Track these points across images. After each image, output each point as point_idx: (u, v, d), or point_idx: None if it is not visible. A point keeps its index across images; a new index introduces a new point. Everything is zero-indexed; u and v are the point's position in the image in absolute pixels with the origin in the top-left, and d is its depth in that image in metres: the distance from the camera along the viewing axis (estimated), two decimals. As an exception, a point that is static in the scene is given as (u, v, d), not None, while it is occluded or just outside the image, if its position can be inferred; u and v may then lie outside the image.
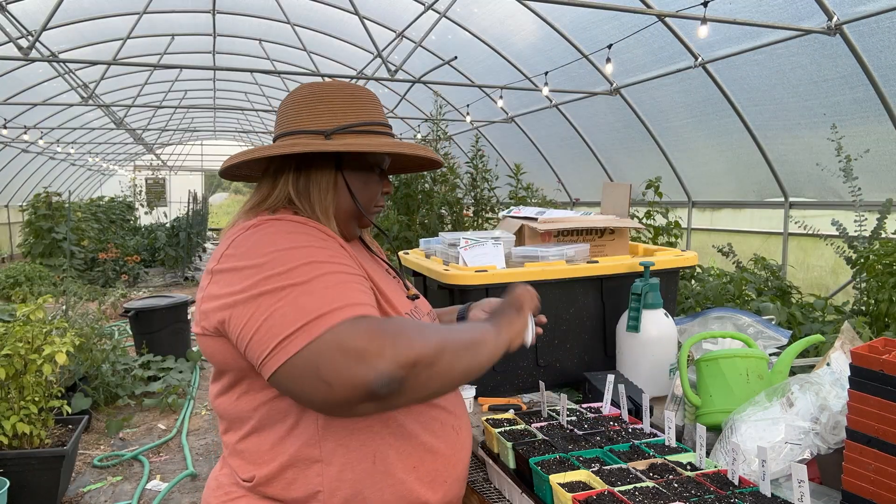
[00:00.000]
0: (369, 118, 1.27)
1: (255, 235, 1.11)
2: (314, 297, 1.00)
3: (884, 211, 4.14)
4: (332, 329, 0.96)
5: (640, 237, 5.39)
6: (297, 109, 1.27)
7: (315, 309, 0.98)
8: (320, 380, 0.94)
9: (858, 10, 4.80)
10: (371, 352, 0.94)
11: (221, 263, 1.10)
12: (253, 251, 1.07)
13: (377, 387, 0.94)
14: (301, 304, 0.99)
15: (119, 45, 7.43)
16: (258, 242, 1.09)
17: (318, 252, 1.07)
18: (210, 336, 1.12)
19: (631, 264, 2.04)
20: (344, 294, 1.02)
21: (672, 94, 7.03)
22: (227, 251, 1.11)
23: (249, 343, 1.02)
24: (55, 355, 3.52)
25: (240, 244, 1.10)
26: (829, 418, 1.32)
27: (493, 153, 11.35)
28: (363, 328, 0.97)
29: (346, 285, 1.04)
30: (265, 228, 1.12)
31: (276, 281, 1.01)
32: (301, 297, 0.99)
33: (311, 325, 0.97)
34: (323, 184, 1.23)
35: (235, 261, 1.08)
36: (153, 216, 20.29)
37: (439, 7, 6.68)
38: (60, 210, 12.60)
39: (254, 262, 1.05)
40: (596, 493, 1.19)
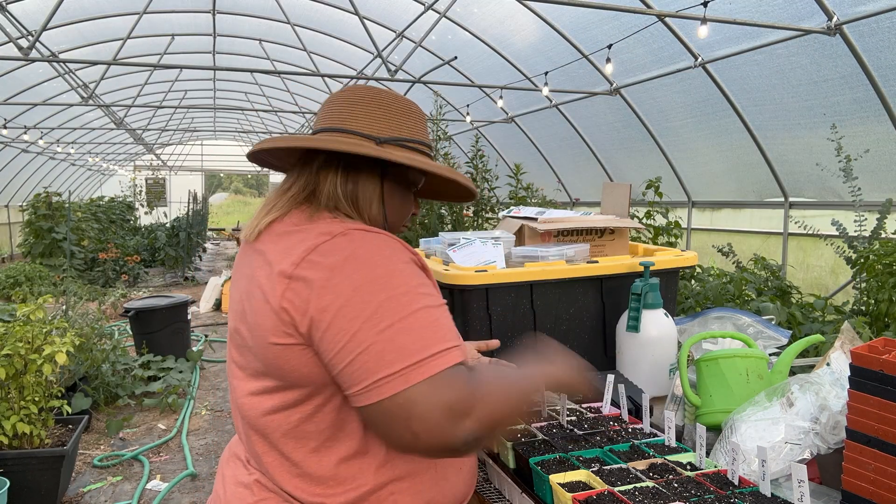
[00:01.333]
0: (420, 137, 1.24)
1: (345, 247, 1.04)
2: (413, 336, 0.97)
3: (884, 211, 4.14)
4: (429, 380, 0.95)
5: (640, 237, 5.39)
6: (350, 108, 1.21)
7: (414, 352, 0.96)
8: (408, 430, 0.95)
9: (858, 10, 4.80)
10: (462, 411, 0.95)
11: (304, 269, 1.03)
12: (349, 267, 1.01)
13: (460, 446, 0.96)
14: (400, 343, 0.96)
15: (119, 45, 7.43)
16: (353, 258, 1.03)
17: (411, 278, 1.04)
18: (290, 346, 1.04)
19: (631, 264, 2.04)
20: (439, 334, 1.00)
21: (672, 94, 7.03)
22: (310, 256, 1.04)
23: (341, 371, 1.00)
24: (55, 355, 3.52)
25: (327, 253, 1.03)
26: (828, 418, 1.32)
27: (493, 153, 11.36)
28: (458, 384, 0.96)
29: (440, 322, 1.02)
30: (357, 242, 1.05)
31: (375, 310, 0.98)
32: (400, 335, 0.97)
33: (409, 371, 0.95)
34: (368, 191, 1.19)
35: (325, 273, 1.01)
36: (153, 216, 20.30)
37: (439, 7, 6.68)
38: (60, 210, 12.60)
39: (350, 279, 1.00)
40: (596, 493, 1.20)
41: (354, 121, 1.19)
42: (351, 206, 1.17)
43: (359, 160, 1.18)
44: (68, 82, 10.41)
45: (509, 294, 1.92)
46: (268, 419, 1.10)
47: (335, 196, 1.17)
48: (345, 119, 1.20)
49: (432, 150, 1.29)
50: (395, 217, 1.24)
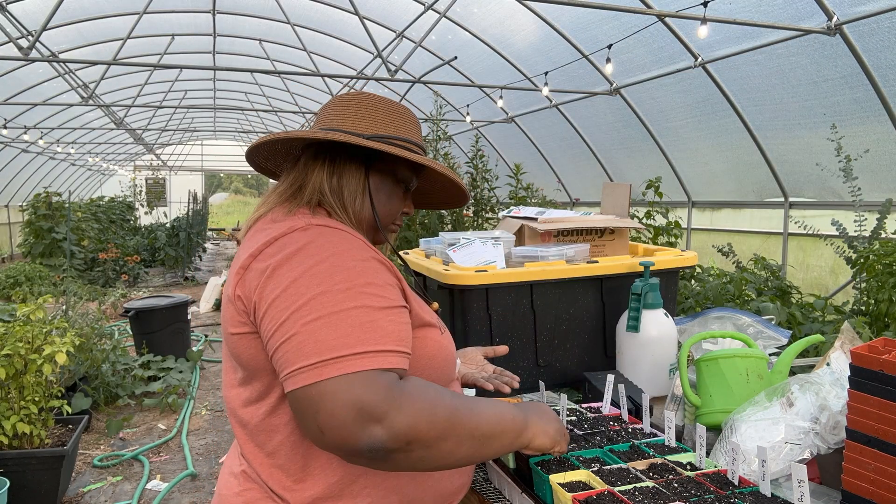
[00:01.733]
0: (407, 136, 1.26)
1: (300, 240, 1.06)
2: (337, 332, 0.96)
3: (884, 211, 4.14)
4: (344, 377, 0.93)
5: (640, 237, 5.40)
6: (340, 110, 1.26)
7: (334, 348, 0.95)
8: (315, 423, 0.93)
9: (858, 10, 4.81)
10: (372, 416, 0.92)
11: (259, 261, 1.06)
12: (295, 259, 1.03)
13: (364, 450, 0.92)
14: (322, 337, 0.96)
15: (119, 45, 7.43)
16: (302, 251, 1.04)
17: (358, 276, 1.02)
18: (244, 335, 1.08)
19: (631, 264, 2.04)
20: (369, 336, 0.97)
21: (672, 94, 7.03)
22: (268, 249, 1.07)
23: (271, 358, 1.01)
24: (55, 355, 3.52)
25: (283, 245, 1.06)
26: (828, 418, 1.32)
27: (493, 153, 11.36)
28: (375, 387, 0.93)
29: (375, 324, 0.99)
30: (311, 236, 1.07)
31: (306, 302, 0.98)
32: (323, 329, 0.96)
33: (325, 364, 0.94)
34: (353, 184, 1.21)
35: (274, 263, 1.04)
36: (153, 216, 20.31)
37: (439, 7, 6.68)
38: (60, 210, 12.60)
39: (292, 271, 1.02)
40: (596, 493, 1.20)
41: (342, 121, 1.24)
42: (336, 200, 1.19)
43: (343, 154, 1.21)
44: (68, 82, 10.41)
45: (509, 294, 1.92)
46: (244, 411, 1.14)
47: (320, 190, 1.19)
48: (334, 121, 1.25)
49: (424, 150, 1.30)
50: (381, 212, 1.25)
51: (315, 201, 1.19)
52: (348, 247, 1.06)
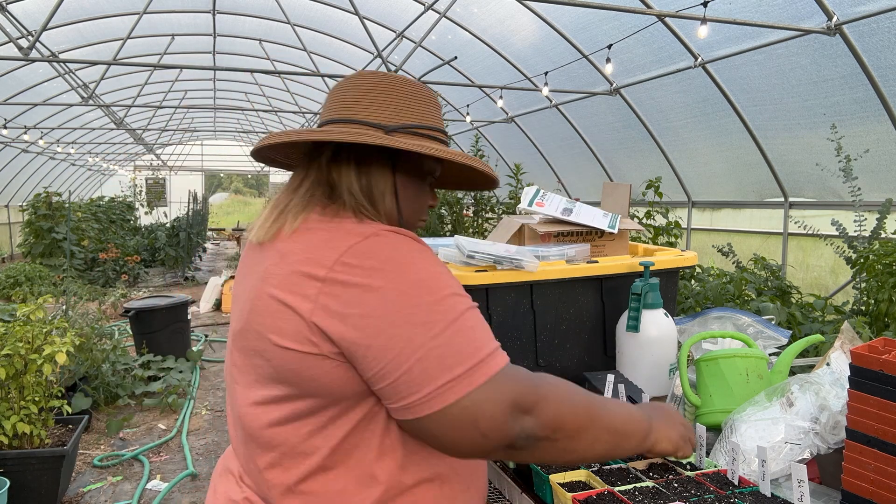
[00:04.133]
0: (432, 122, 1.16)
1: (381, 248, 0.97)
2: (467, 337, 0.94)
3: (883, 211, 4.14)
4: (493, 378, 0.93)
5: (640, 237, 5.40)
6: (356, 96, 1.13)
7: (472, 353, 0.93)
8: (477, 431, 0.92)
9: (858, 10, 4.81)
10: (524, 406, 0.93)
11: (339, 272, 0.95)
12: (389, 270, 0.95)
13: (517, 440, 0.94)
14: (457, 346, 0.93)
15: (119, 45, 7.43)
16: (392, 260, 0.96)
17: (450, 280, 0.99)
18: (319, 356, 0.96)
19: (631, 264, 2.04)
20: (488, 334, 0.98)
21: (672, 94, 7.03)
22: (344, 258, 0.96)
23: (394, 381, 0.93)
24: (55, 355, 3.52)
25: (363, 255, 0.96)
26: (828, 418, 1.32)
27: (493, 153, 11.37)
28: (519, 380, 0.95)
29: (483, 322, 0.99)
30: (390, 242, 0.99)
31: (427, 314, 0.93)
32: (456, 337, 0.93)
33: (472, 372, 0.92)
34: (381, 184, 1.11)
35: (364, 276, 0.94)
36: (153, 216, 20.31)
37: (439, 7, 6.68)
38: (60, 210, 12.60)
39: (394, 284, 0.94)
40: (596, 493, 1.20)
41: (361, 110, 1.12)
42: (368, 202, 1.10)
43: (369, 152, 1.10)
44: (68, 82, 10.41)
45: (509, 294, 1.92)
46: (273, 431, 1.02)
47: (354, 192, 1.09)
48: (351, 108, 1.13)
49: (447, 136, 1.20)
50: (410, 210, 1.17)
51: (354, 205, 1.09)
52: (425, 251, 1.02)
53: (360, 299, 0.93)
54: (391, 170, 1.12)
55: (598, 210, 2.24)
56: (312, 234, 1.03)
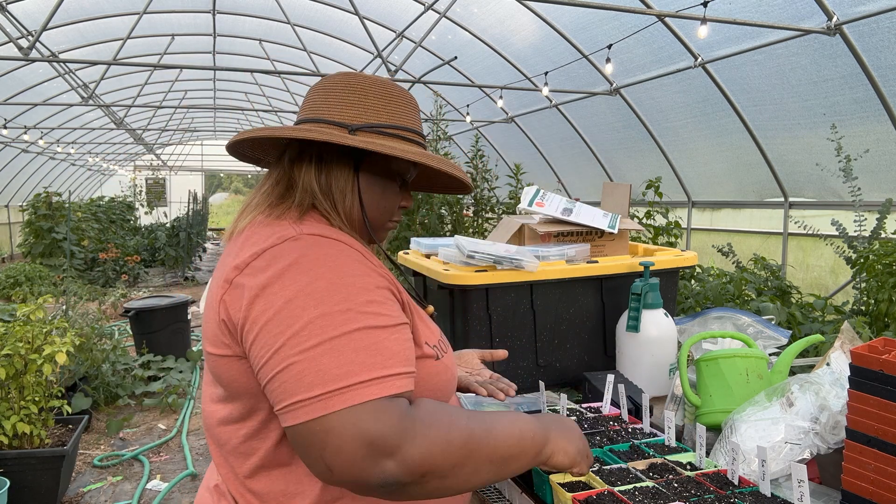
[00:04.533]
0: (402, 123, 1.14)
1: (291, 253, 0.96)
2: (341, 358, 0.88)
3: (883, 211, 4.14)
4: (352, 409, 0.85)
5: (640, 237, 5.39)
6: (325, 96, 1.13)
7: (339, 377, 0.86)
8: (322, 460, 0.86)
9: (858, 10, 4.81)
10: (383, 450, 0.84)
11: (246, 276, 0.96)
12: (287, 276, 0.93)
13: (376, 486, 0.86)
14: (324, 366, 0.87)
15: (119, 45, 7.43)
16: (295, 266, 0.94)
17: (357, 294, 0.93)
18: (226, 357, 0.99)
19: (631, 264, 2.04)
20: (374, 360, 0.89)
21: (672, 94, 7.03)
22: (255, 262, 0.97)
23: (265, 387, 0.92)
24: (55, 355, 3.52)
25: (273, 259, 0.96)
26: (828, 418, 1.32)
27: (493, 153, 11.37)
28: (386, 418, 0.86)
29: (378, 345, 0.91)
30: (304, 248, 0.97)
31: (304, 326, 0.89)
32: (325, 356, 0.87)
33: (330, 397, 0.86)
34: (341, 183, 1.10)
35: (264, 280, 0.94)
36: (153, 216, 20.31)
37: (439, 7, 6.68)
38: (60, 210, 12.60)
39: (285, 289, 0.92)
40: (596, 493, 1.20)
41: (328, 109, 1.12)
42: (327, 201, 1.09)
43: (330, 150, 1.09)
44: (68, 82, 10.41)
45: (509, 294, 1.92)
46: (221, 430, 1.06)
47: (311, 190, 1.09)
48: (320, 108, 1.13)
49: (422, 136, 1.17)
50: (376, 211, 1.14)
51: (307, 203, 1.09)
52: (344, 260, 0.97)
53: (252, 301, 0.93)
54: (353, 169, 1.11)
55: (598, 210, 2.24)
56: (248, 237, 1.04)
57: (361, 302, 0.93)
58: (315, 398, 0.86)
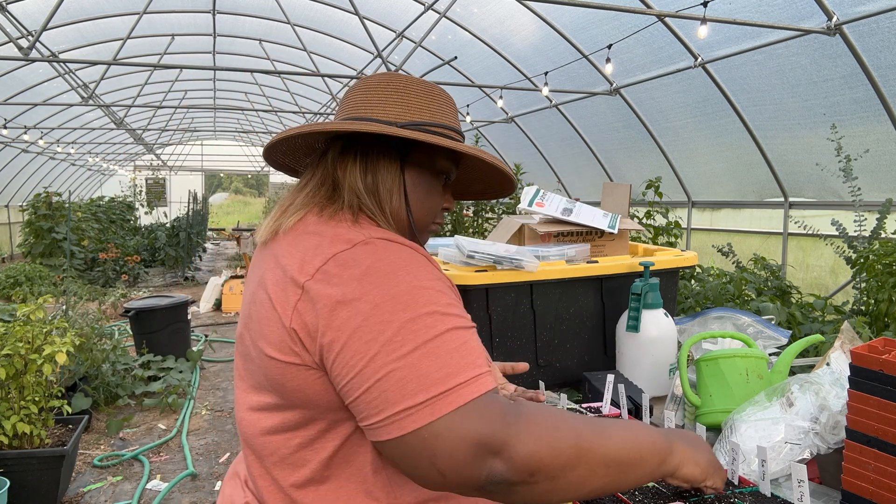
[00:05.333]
0: (444, 121, 1.12)
1: (365, 258, 0.93)
2: (439, 361, 0.85)
3: (883, 211, 4.14)
4: (457, 411, 0.83)
5: (640, 237, 5.40)
6: (367, 95, 1.11)
7: (440, 380, 0.84)
8: (434, 467, 0.84)
9: (858, 10, 4.81)
10: (491, 447, 0.83)
11: (319, 282, 0.92)
12: (368, 281, 0.90)
13: (487, 484, 0.84)
14: (424, 370, 0.85)
15: (119, 45, 7.43)
16: (373, 271, 0.91)
17: (438, 296, 0.92)
18: (299, 366, 0.94)
19: (631, 264, 2.04)
20: (468, 360, 0.87)
21: (672, 94, 7.03)
22: (326, 267, 0.93)
23: (356, 399, 0.88)
24: (55, 355, 3.52)
25: (346, 264, 0.92)
26: (828, 418, 1.32)
27: (493, 153, 11.35)
28: (491, 414, 0.84)
29: (468, 345, 0.89)
30: (378, 252, 0.94)
31: (397, 332, 0.87)
32: (424, 360, 0.85)
33: (436, 401, 0.83)
34: (388, 181, 1.07)
35: (342, 287, 0.90)
36: (153, 216, 20.31)
37: (439, 7, 6.68)
38: (60, 210, 12.60)
39: (368, 295, 0.89)
40: (596, 493, 1.19)
41: (371, 108, 1.10)
42: (373, 201, 1.06)
43: (376, 148, 1.07)
44: (68, 82, 10.41)
45: (509, 294, 1.92)
46: (265, 440, 1.01)
47: (357, 190, 1.06)
48: (361, 108, 1.11)
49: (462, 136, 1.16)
50: (421, 211, 1.12)
51: (356, 204, 1.06)
52: (417, 262, 0.95)
53: (334, 310, 0.90)
54: (399, 167, 1.08)
55: (598, 210, 2.24)
56: (305, 238, 1.00)
57: (444, 304, 0.91)
58: (420, 405, 0.84)
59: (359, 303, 0.89)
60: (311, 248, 0.97)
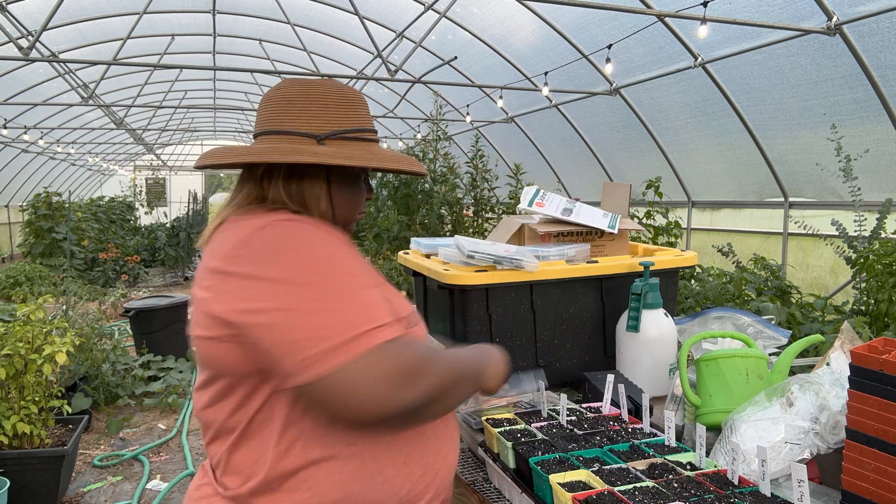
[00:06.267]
0: (361, 124, 1.23)
1: (271, 237, 1.05)
2: (354, 310, 1.00)
3: (883, 211, 4.14)
4: (372, 350, 0.98)
5: (640, 237, 5.39)
6: (286, 107, 1.20)
7: (358, 324, 0.99)
8: (355, 400, 0.97)
9: (858, 10, 4.81)
10: (404, 381, 0.99)
11: (232, 265, 1.04)
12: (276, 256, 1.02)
13: (403, 413, 1.00)
14: (344, 317, 0.99)
15: (119, 45, 7.43)
16: (279, 248, 1.04)
17: (343, 259, 1.06)
18: (217, 340, 1.06)
19: (631, 264, 2.04)
20: (380, 310, 1.03)
21: (672, 94, 7.03)
22: (234, 251, 1.05)
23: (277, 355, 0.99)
24: (55, 355, 3.52)
25: (254, 245, 1.05)
26: (828, 418, 1.32)
27: (493, 153, 11.37)
28: (401, 354, 1.00)
29: (373, 300, 1.04)
30: (280, 230, 1.06)
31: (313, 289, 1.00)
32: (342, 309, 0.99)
33: (354, 342, 0.97)
34: (316, 190, 1.19)
35: (252, 265, 1.03)
36: (153, 216, 20.29)
37: (439, 7, 6.68)
38: (60, 210, 12.60)
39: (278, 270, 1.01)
40: (596, 493, 1.20)
41: (292, 120, 1.19)
42: (299, 205, 1.18)
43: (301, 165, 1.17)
44: (68, 82, 10.41)
45: (509, 294, 1.92)
46: (206, 413, 1.15)
47: (281, 199, 1.17)
48: (283, 120, 1.19)
49: (375, 132, 1.27)
50: (345, 211, 1.24)
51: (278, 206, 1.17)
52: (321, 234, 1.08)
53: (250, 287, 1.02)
54: (325, 179, 1.19)
55: (598, 210, 2.24)
56: (222, 233, 1.13)
57: (347, 265, 1.05)
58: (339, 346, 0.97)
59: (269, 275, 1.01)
60: (223, 239, 1.11)
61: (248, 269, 1.03)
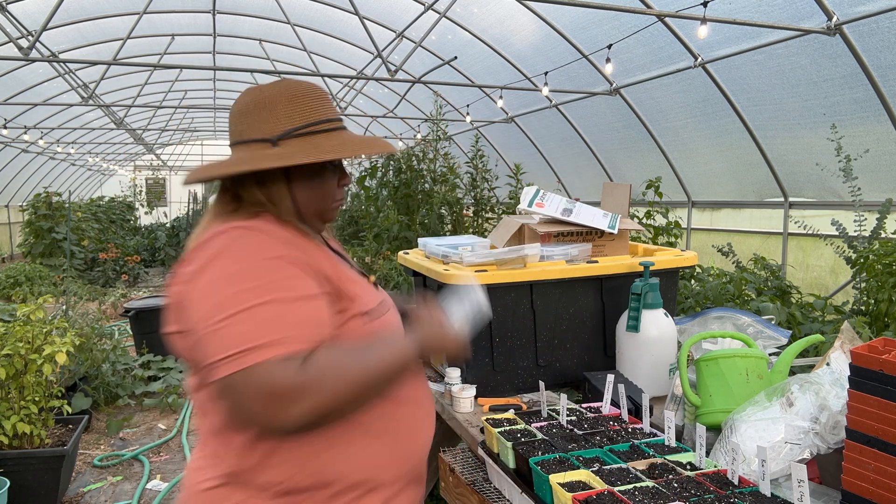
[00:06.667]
0: (314, 117, 1.27)
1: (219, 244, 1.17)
2: (241, 329, 1.07)
3: (883, 211, 4.14)
4: (258, 366, 1.05)
5: (640, 237, 5.39)
6: (243, 118, 1.29)
7: (249, 339, 1.06)
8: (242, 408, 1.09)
9: (858, 10, 4.80)
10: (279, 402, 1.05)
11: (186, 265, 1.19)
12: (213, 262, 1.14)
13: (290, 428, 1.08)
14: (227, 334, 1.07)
15: (119, 45, 7.43)
16: (219, 254, 1.15)
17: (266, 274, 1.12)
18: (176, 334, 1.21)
19: (631, 264, 2.04)
20: (279, 327, 1.09)
21: (672, 94, 7.03)
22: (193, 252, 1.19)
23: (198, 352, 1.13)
24: (55, 355, 3.52)
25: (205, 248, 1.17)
26: (828, 418, 1.32)
27: (493, 153, 11.37)
28: (284, 373, 1.05)
29: (284, 318, 1.10)
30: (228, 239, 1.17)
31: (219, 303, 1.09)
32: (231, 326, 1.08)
33: (242, 355, 1.05)
34: (280, 192, 1.25)
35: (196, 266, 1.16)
36: (153, 216, 20.29)
37: (439, 7, 6.68)
38: (60, 210, 12.60)
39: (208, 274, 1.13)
40: (596, 493, 1.20)
41: (251, 131, 1.27)
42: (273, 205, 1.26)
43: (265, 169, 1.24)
44: (68, 82, 10.40)
45: (509, 294, 1.92)
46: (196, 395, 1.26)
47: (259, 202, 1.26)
48: (242, 130, 1.29)
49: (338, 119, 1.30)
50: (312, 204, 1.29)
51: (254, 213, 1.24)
52: (259, 247, 1.16)
53: (189, 286, 1.15)
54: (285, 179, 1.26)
55: (598, 210, 2.24)
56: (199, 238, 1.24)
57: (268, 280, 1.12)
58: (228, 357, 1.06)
59: (201, 279, 1.14)
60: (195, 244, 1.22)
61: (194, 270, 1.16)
